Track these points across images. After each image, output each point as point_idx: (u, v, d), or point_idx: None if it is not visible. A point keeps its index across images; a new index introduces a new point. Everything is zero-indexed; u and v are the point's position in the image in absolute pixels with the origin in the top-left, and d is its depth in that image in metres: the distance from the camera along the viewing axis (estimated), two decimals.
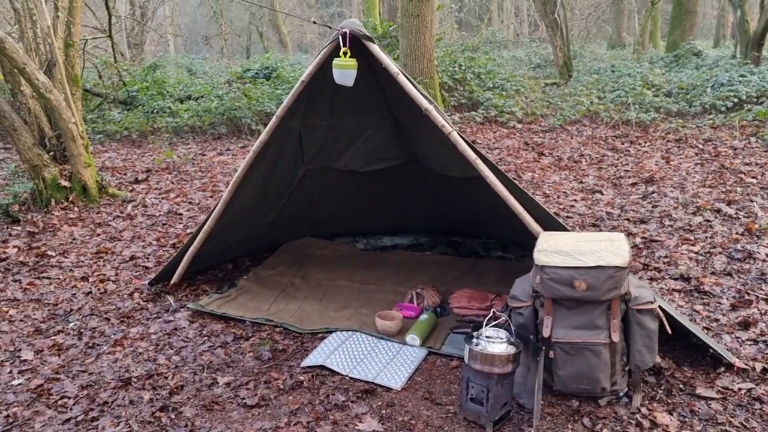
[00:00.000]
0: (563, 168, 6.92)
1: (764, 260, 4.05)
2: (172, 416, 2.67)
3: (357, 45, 3.08)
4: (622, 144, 7.93)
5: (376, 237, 4.84)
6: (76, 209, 5.76)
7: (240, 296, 3.86)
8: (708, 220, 4.85)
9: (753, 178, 5.96)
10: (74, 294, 4.00)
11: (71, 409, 2.74)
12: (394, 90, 3.31)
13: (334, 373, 2.97)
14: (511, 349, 2.48)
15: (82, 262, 4.57)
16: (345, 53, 3.02)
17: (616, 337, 2.54)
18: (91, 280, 4.23)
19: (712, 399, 2.64)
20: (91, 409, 2.73)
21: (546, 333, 2.60)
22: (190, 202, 6.13)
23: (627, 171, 6.60)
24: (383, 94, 3.73)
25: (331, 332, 3.36)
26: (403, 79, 3.06)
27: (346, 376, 2.94)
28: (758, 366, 2.85)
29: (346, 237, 4.86)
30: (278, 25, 25.35)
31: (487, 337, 2.52)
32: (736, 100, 9.12)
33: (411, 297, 3.72)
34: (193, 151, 8.64)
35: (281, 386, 2.88)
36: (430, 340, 3.27)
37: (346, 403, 2.72)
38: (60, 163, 5.91)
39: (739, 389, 2.69)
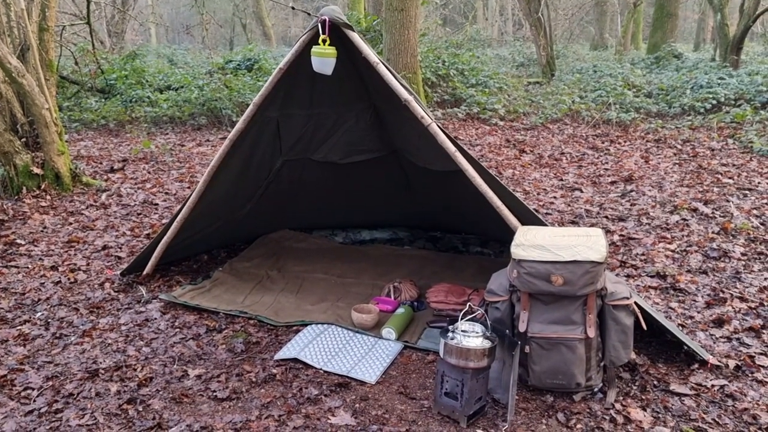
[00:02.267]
0: (544, 165, 6.93)
1: (739, 259, 4.08)
2: (140, 409, 2.60)
3: (337, 33, 3.02)
4: (603, 143, 7.97)
5: (355, 231, 4.80)
6: (48, 197, 5.63)
7: (214, 288, 3.80)
8: (685, 219, 4.88)
9: (729, 178, 6.01)
10: (43, 283, 3.90)
11: (35, 401, 2.65)
12: (373, 80, 3.27)
13: (307, 366, 2.93)
14: (487, 344, 2.45)
15: (53, 251, 4.46)
16: (324, 41, 2.96)
17: (592, 332, 2.53)
18: (61, 269, 4.13)
19: (686, 395, 2.64)
20: (56, 401, 2.65)
21: (522, 328, 2.58)
22: (166, 193, 6.02)
23: (606, 170, 6.62)
24: (363, 85, 3.68)
25: (306, 325, 3.32)
26: (382, 69, 3.01)
27: (320, 369, 2.90)
28: (731, 363, 2.86)
29: (324, 230, 4.81)
30: (262, 17, 25.14)
31: (462, 331, 2.49)
32: (714, 102, 9.22)
33: (388, 291, 3.68)
34: (171, 142, 8.51)
35: (253, 379, 2.82)
36: (406, 334, 3.24)
37: (319, 397, 2.68)
38: (32, 150, 5.77)
39: (713, 386, 2.70)
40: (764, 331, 3.16)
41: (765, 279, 3.77)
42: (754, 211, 4.98)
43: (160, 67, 12.94)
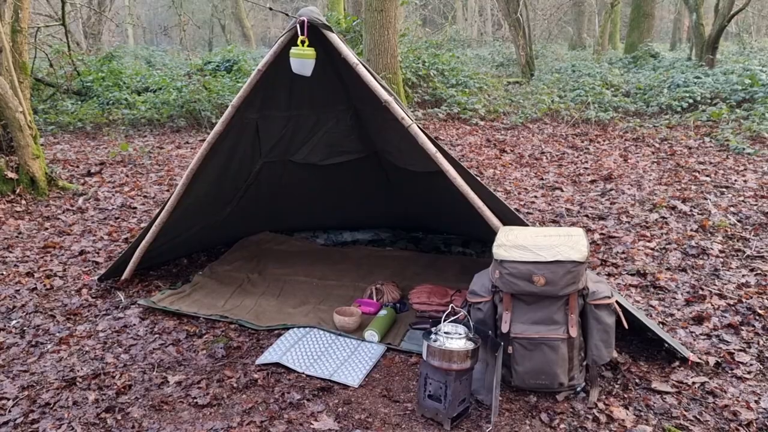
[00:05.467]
0: (524, 165, 6.96)
1: (717, 256, 4.13)
2: (118, 417, 2.55)
3: (316, 34, 3.00)
4: (582, 142, 8.03)
5: (337, 232, 4.77)
6: (23, 202, 5.52)
7: (194, 292, 3.75)
8: (664, 217, 4.93)
9: (707, 176, 6.09)
10: (18, 290, 3.81)
11: (10, 411, 2.59)
12: (353, 81, 3.24)
13: (290, 370, 2.90)
14: (470, 345, 2.44)
15: (28, 257, 4.37)
16: (303, 42, 2.94)
17: (574, 332, 2.53)
18: (36, 275, 4.04)
19: (667, 393, 2.65)
20: (32, 411, 2.59)
21: (505, 328, 2.58)
22: (145, 196, 5.94)
23: (586, 168, 6.67)
24: (343, 86, 3.65)
25: (288, 329, 3.28)
26: (362, 70, 2.99)
27: (303, 373, 2.87)
28: (711, 360, 2.89)
29: (305, 232, 4.78)
30: (241, 18, 24.99)
31: (445, 332, 2.48)
32: (691, 100, 9.35)
33: (370, 293, 3.66)
34: (150, 144, 8.40)
35: (235, 385, 2.78)
36: (389, 336, 3.22)
37: (302, 402, 2.65)
38: (6, 154, 5.66)
39: (693, 383, 2.72)
40: (743, 327, 3.19)
41: (743, 276, 3.81)
42: (731, 209, 5.04)
43: (138, 68, 12.80)
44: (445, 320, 2.54)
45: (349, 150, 4.10)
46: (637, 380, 2.75)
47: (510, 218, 3.03)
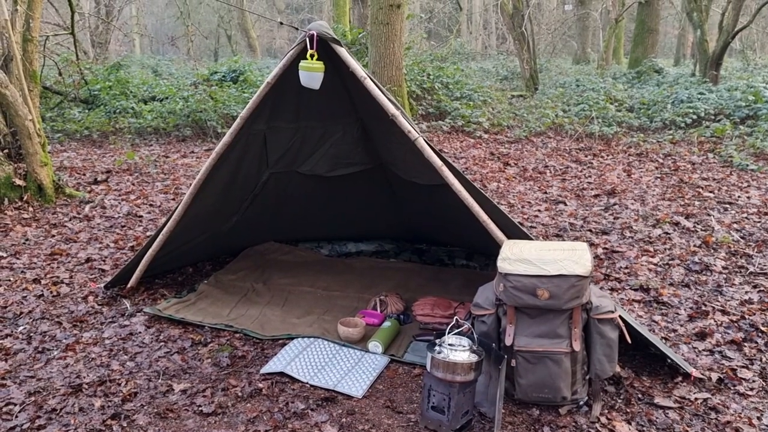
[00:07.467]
0: (528, 179, 6.99)
1: (720, 272, 4.14)
2: (124, 424, 2.57)
3: (324, 48, 3.05)
4: (586, 156, 8.06)
5: (341, 243, 4.79)
6: (30, 209, 5.56)
7: (199, 301, 3.77)
8: (667, 233, 4.95)
9: (710, 192, 6.11)
10: (25, 297, 3.84)
11: (17, 417, 2.61)
12: (360, 94, 3.29)
13: (294, 380, 2.92)
14: (474, 357, 2.46)
15: (35, 263, 4.41)
16: (312, 55, 2.98)
17: (577, 346, 2.55)
18: (43, 282, 4.08)
19: (670, 408, 2.66)
20: (38, 417, 2.61)
21: (508, 341, 2.60)
22: (151, 205, 5.98)
23: (590, 183, 6.70)
24: (350, 99, 3.70)
25: (292, 339, 3.30)
26: (369, 84, 3.04)
27: (307, 383, 2.89)
28: (714, 376, 2.90)
29: (310, 242, 4.80)
30: (247, 29, 25.16)
31: (449, 345, 2.50)
32: (695, 116, 9.39)
33: (374, 304, 3.69)
34: (156, 153, 8.46)
35: (239, 393, 2.80)
36: (393, 347, 3.24)
37: (306, 411, 2.67)
38: (15, 161, 5.71)
39: (696, 399, 2.73)
40: (746, 344, 3.20)
41: (746, 292, 3.83)
42: (735, 225, 5.06)
43: (145, 77, 12.88)
44: (449, 332, 2.56)
45: (355, 162, 4.14)
46: (639, 395, 2.77)
47: (514, 232, 3.06)
